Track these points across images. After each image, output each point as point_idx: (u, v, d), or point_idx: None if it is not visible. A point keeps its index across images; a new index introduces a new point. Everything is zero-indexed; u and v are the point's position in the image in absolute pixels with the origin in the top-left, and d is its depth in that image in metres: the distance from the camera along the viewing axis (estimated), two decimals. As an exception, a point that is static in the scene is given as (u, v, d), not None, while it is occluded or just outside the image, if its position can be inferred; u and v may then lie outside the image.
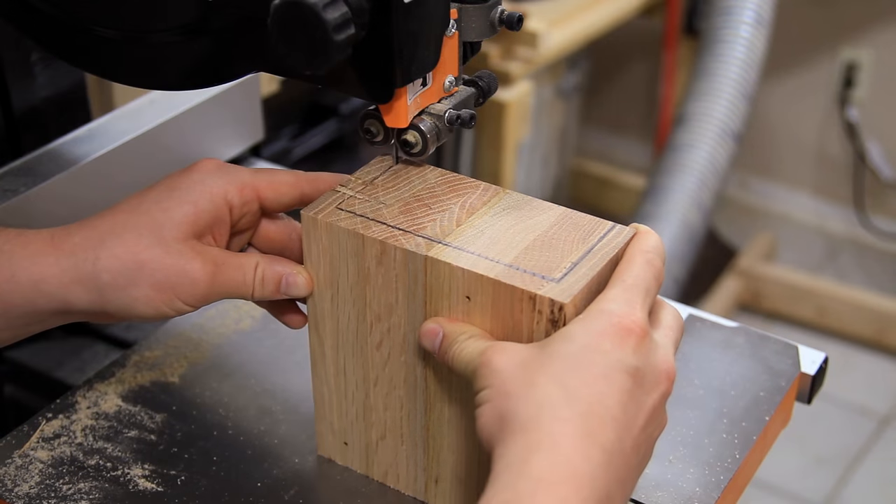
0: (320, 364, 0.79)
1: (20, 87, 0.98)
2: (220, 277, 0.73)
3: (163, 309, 0.73)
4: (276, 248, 0.78)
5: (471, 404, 0.66)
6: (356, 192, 0.74)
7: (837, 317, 2.58)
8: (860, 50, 2.55)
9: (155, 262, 0.71)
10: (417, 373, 0.74)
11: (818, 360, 0.91)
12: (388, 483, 0.80)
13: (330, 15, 0.63)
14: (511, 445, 0.61)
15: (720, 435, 0.84)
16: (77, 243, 0.72)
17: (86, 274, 0.71)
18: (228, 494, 0.79)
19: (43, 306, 0.72)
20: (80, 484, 0.79)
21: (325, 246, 0.73)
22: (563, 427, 0.60)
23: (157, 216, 0.72)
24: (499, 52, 2.00)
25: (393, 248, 0.70)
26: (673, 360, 0.66)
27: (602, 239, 0.70)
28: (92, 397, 0.87)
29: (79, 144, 0.98)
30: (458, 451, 0.75)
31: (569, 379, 0.62)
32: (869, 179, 2.63)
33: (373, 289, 0.72)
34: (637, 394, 0.63)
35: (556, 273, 0.67)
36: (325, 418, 0.81)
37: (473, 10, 0.73)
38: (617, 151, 2.90)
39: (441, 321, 0.70)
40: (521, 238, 0.70)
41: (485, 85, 0.78)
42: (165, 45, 0.75)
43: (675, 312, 0.69)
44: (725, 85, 2.18)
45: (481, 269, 0.67)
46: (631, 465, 0.63)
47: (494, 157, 2.04)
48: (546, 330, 0.66)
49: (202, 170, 0.75)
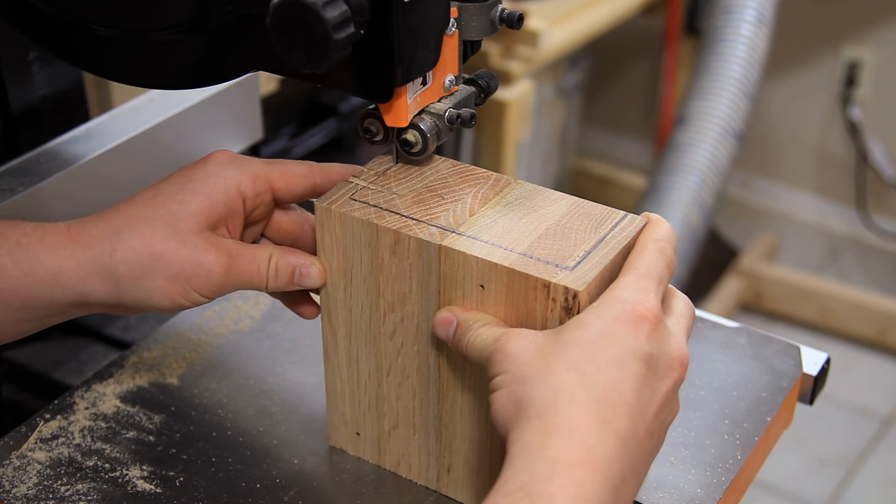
0: (333, 354, 0.79)
1: (18, 85, 0.98)
2: (235, 269, 0.74)
3: (178, 300, 0.73)
4: (289, 239, 0.79)
5: (484, 393, 0.67)
6: (369, 182, 0.75)
7: (839, 317, 2.58)
8: (862, 49, 2.55)
9: (170, 253, 0.72)
10: (430, 362, 0.74)
11: (820, 361, 0.91)
12: (401, 473, 0.81)
13: (329, 14, 0.63)
14: (527, 430, 0.61)
15: (722, 436, 0.83)
16: (94, 235, 0.72)
17: (103, 266, 0.72)
18: (227, 495, 0.78)
19: (61, 298, 0.73)
20: (79, 485, 0.79)
21: (339, 236, 0.74)
22: (579, 412, 0.61)
23: (172, 208, 0.73)
24: (499, 50, 2.00)
25: (407, 237, 0.71)
26: (686, 347, 0.67)
27: (614, 228, 0.71)
28: (90, 398, 0.86)
29: (77, 144, 0.98)
30: (470, 440, 0.76)
31: (584, 365, 0.63)
32: (871, 179, 2.62)
33: (386, 278, 0.73)
34: (651, 380, 0.64)
35: (569, 261, 0.68)
36: (338, 409, 0.81)
37: (474, 9, 0.73)
38: (617, 151, 2.90)
39: (455, 310, 0.71)
40: (534, 227, 0.71)
41: (485, 84, 0.78)
42: (164, 44, 0.75)
43: (686, 300, 0.70)
44: (727, 84, 2.18)
45: (495, 257, 0.68)
46: (644, 450, 0.64)
47: (494, 156, 2.04)
48: (560, 317, 0.67)
49: (216, 161, 0.76)
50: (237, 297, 0.97)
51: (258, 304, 0.97)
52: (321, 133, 1.44)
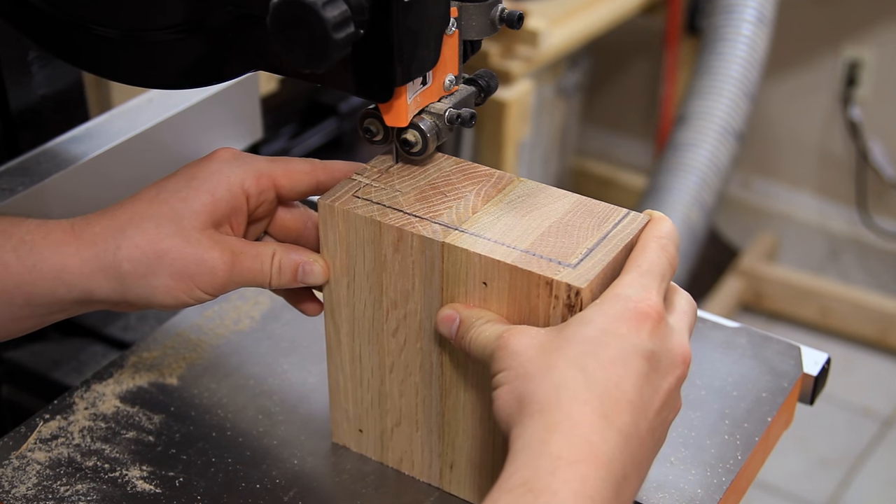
0: (336, 351, 0.79)
1: (17, 85, 0.98)
2: (239, 266, 0.74)
3: (182, 297, 0.74)
4: (292, 236, 0.79)
5: (486, 390, 0.67)
6: (372, 180, 0.75)
7: (840, 317, 2.58)
8: (863, 48, 2.55)
9: (174, 251, 0.72)
10: (433, 359, 0.75)
11: (820, 361, 0.91)
12: (403, 470, 0.81)
13: (329, 13, 0.63)
14: (530, 426, 0.62)
15: (722, 436, 0.83)
16: (97, 233, 0.73)
17: (107, 263, 0.72)
18: (227, 496, 0.78)
19: (65, 295, 0.73)
20: (78, 485, 0.79)
21: (342, 233, 0.74)
22: (581, 408, 0.61)
23: (176, 206, 0.73)
24: (499, 50, 2.00)
25: (410, 234, 0.71)
26: (688, 344, 0.67)
27: (617, 225, 0.71)
28: (90, 398, 0.86)
29: (76, 143, 0.98)
30: (473, 437, 0.76)
31: (587, 362, 0.63)
32: (872, 179, 2.62)
33: (389, 276, 0.73)
34: (653, 377, 0.64)
35: (572, 259, 0.68)
36: (340, 406, 0.81)
37: (474, 9, 0.73)
38: (618, 151, 2.90)
39: (458, 307, 0.71)
40: (536, 225, 0.71)
41: (485, 84, 0.78)
42: (164, 44, 0.75)
43: (688, 297, 0.71)
44: (727, 83, 2.18)
45: (498, 254, 0.68)
46: (646, 447, 0.64)
47: (495, 156, 2.04)
48: (563, 315, 0.67)
49: (220, 159, 0.76)
50: (236, 298, 0.97)
51: (258, 304, 0.97)
52: (321, 133, 1.45)
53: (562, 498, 0.58)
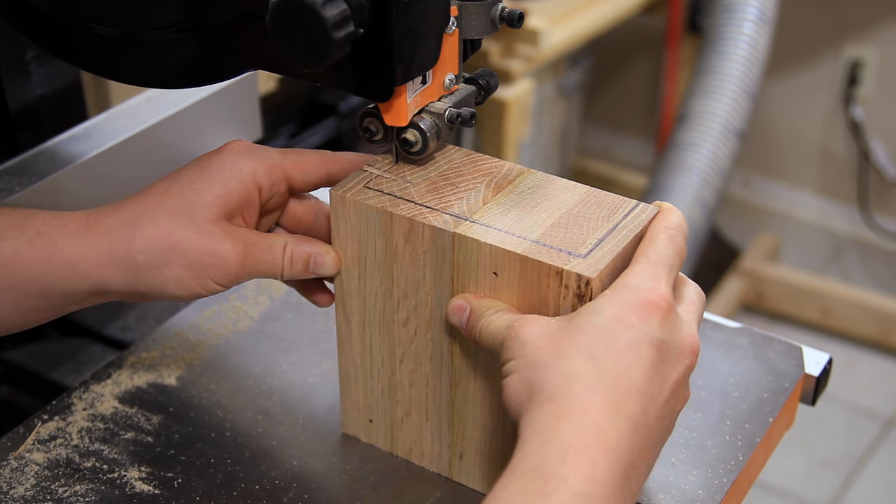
0: (347, 342, 0.80)
1: (15, 84, 0.98)
2: (251, 258, 0.75)
3: (195, 289, 0.74)
4: (303, 227, 0.80)
5: (496, 379, 0.68)
6: (383, 171, 0.76)
7: (841, 317, 2.58)
8: (865, 48, 2.54)
9: (187, 242, 0.73)
10: (443, 349, 0.75)
11: (822, 361, 0.91)
12: (413, 459, 0.81)
13: (329, 12, 0.63)
14: (540, 413, 0.62)
15: (723, 437, 0.83)
16: (111, 224, 0.73)
17: (121, 255, 0.73)
18: (226, 497, 0.78)
19: (80, 287, 0.74)
20: (76, 486, 0.78)
21: (354, 224, 0.74)
22: (591, 397, 0.62)
23: (189, 198, 0.74)
24: (499, 49, 1.99)
25: (421, 225, 0.71)
26: (696, 334, 0.68)
27: (626, 216, 0.72)
28: (88, 399, 0.86)
29: (75, 143, 0.98)
30: (482, 427, 0.77)
31: (597, 350, 0.63)
32: (873, 178, 2.62)
33: (400, 266, 0.74)
34: (662, 367, 0.65)
35: (581, 249, 0.69)
36: (351, 396, 0.82)
37: (474, 8, 0.73)
38: (618, 150, 2.90)
39: (468, 297, 0.72)
40: (546, 215, 0.72)
41: (485, 83, 0.78)
42: (162, 43, 0.75)
43: (696, 288, 0.72)
44: (728, 83, 2.17)
45: (509, 245, 0.69)
46: (654, 435, 0.65)
47: (495, 155, 2.03)
48: (572, 304, 0.68)
49: (232, 151, 0.76)
50: (236, 298, 0.97)
51: (257, 304, 0.97)
52: (320, 132, 1.44)
53: (571, 483, 0.59)
